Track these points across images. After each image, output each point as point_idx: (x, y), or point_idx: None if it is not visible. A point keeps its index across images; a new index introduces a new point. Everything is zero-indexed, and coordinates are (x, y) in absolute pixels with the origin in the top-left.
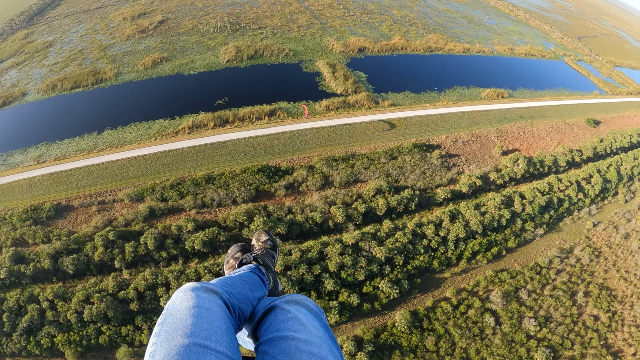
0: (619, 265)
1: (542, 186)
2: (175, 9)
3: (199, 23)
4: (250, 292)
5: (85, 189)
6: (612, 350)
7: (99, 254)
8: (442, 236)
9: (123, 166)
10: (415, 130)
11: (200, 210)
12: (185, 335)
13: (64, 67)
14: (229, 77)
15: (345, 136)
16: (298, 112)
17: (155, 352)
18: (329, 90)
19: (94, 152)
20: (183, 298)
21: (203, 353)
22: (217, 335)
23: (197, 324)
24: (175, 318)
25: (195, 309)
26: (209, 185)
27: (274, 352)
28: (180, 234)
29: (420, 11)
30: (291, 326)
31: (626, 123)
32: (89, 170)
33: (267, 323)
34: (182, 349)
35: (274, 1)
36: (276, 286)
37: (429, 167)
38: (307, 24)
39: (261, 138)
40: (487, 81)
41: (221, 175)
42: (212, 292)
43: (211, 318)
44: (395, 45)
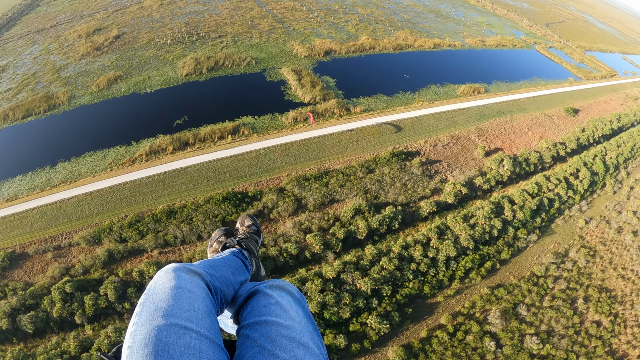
0: (615, 262)
1: (531, 187)
2: (131, 22)
3: (156, 35)
4: (233, 275)
5: (40, 232)
6: (617, 355)
7: (57, 310)
8: (432, 257)
9: (78, 204)
10: (392, 136)
11: (163, 250)
12: (166, 316)
13: (17, 94)
14: (188, 93)
15: (316, 150)
16: (263, 127)
17: (136, 332)
18: (295, 99)
19: (47, 189)
20: (165, 278)
21: (183, 334)
22: (198, 317)
23: (178, 305)
24: (157, 298)
25: (177, 289)
26: (171, 221)
27: (255, 336)
28: (143, 279)
29: (386, 8)
30: (273, 311)
31: (604, 108)
32: (43, 211)
33: (249, 307)
34: (163, 330)
35: (234, 7)
36: (259, 271)
37: (410, 178)
38: (269, 28)
39: (225, 160)
40: (462, 76)
41: (183, 207)
42: (194, 274)
43: (192, 299)
44: (363, 45)
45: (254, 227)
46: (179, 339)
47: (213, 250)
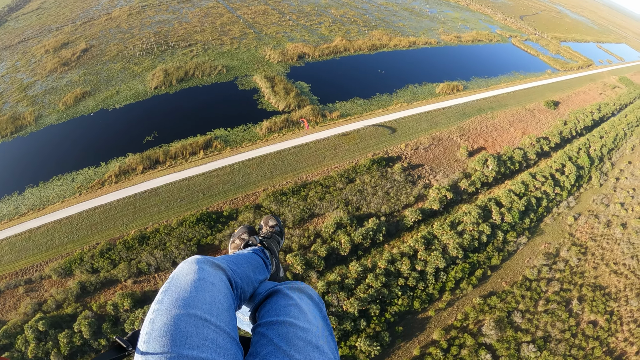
0: (607, 258)
1: (517, 187)
2: (100, 34)
3: (125, 47)
4: (253, 273)
5: (10, 266)
6: (616, 354)
7: (32, 350)
8: (420, 270)
9: (47, 233)
10: (371, 142)
11: (137, 279)
12: (187, 306)
13: None
14: (158, 106)
15: (292, 162)
16: (236, 140)
17: (156, 319)
18: (269, 108)
19: (15, 218)
20: (189, 270)
21: (202, 326)
22: (218, 310)
23: (200, 297)
24: (179, 288)
25: (200, 281)
26: (144, 247)
27: (272, 335)
28: (118, 313)
29: (359, 8)
30: (291, 312)
31: (583, 99)
32: (12, 243)
33: (267, 306)
34: (183, 319)
35: (204, 14)
36: (278, 271)
37: (392, 186)
38: (240, 34)
39: (197, 178)
40: (439, 75)
41: (156, 232)
42: (218, 268)
43: (214, 293)
44: (337, 47)
45: (277, 228)
46: (197, 330)
47: (235, 246)
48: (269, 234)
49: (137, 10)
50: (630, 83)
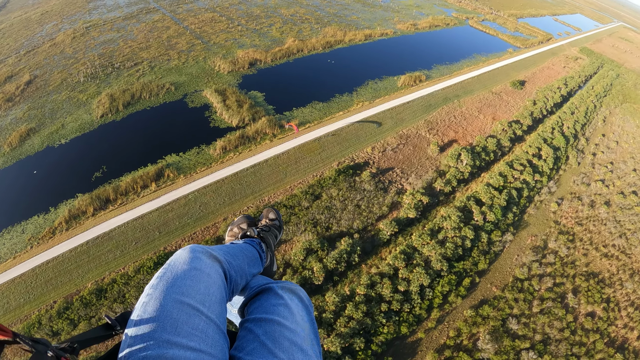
0: (596, 241)
1: (496, 180)
2: (44, 62)
3: (69, 74)
4: (248, 266)
5: None
6: (618, 343)
7: None
8: (403, 291)
9: (2, 296)
10: (334, 149)
11: None
12: (181, 294)
13: None
14: (105, 137)
15: (252, 183)
16: (190, 165)
17: (149, 302)
18: (222, 124)
19: None
20: (186, 258)
21: (194, 315)
22: (211, 302)
23: (195, 287)
24: (175, 275)
25: (196, 271)
26: (102, 302)
27: (259, 332)
28: None
29: (310, 5)
30: (281, 312)
31: (548, 75)
32: None
33: (257, 302)
34: (176, 307)
35: (150, 28)
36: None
37: (363, 197)
38: (188, 47)
39: (151, 215)
40: (400, 66)
41: (113, 282)
42: (215, 259)
43: (209, 284)
44: (290, 49)
45: (277, 222)
46: (189, 319)
47: (232, 234)
48: (268, 227)
49: (81, 32)
50: (591, 53)
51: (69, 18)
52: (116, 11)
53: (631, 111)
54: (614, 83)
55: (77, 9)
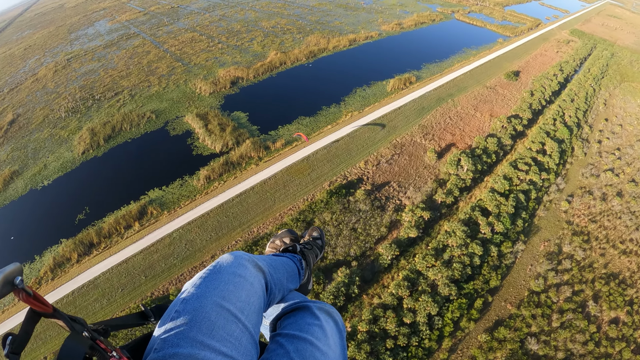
0: (612, 238)
1: (500, 185)
2: (27, 99)
3: (51, 110)
4: (287, 280)
5: None
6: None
7: None
8: (409, 323)
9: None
10: (325, 168)
11: None
12: (222, 298)
13: None
14: (87, 175)
15: (239, 214)
16: (173, 200)
17: (189, 300)
18: (205, 151)
19: None
20: (233, 263)
21: (232, 321)
22: (249, 310)
23: (236, 294)
24: (219, 279)
25: (240, 278)
26: None
27: (290, 348)
28: None
29: (291, 14)
30: (315, 332)
31: (543, 62)
32: None
33: (292, 319)
34: (215, 310)
35: (130, 55)
36: (307, 283)
37: (358, 218)
38: (168, 70)
39: (136, 258)
40: (388, 70)
41: None
42: (259, 270)
43: (251, 293)
44: (272, 63)
45: (319, 242)
46: (226, 324)
47: (274, 246)
48: (310, 244)
49: (63, 65)
50: (582, 34)
51: (51, 51)
52: (97, 40)
53: (630, 90)
54: (610, 63)
55: (59, 40)
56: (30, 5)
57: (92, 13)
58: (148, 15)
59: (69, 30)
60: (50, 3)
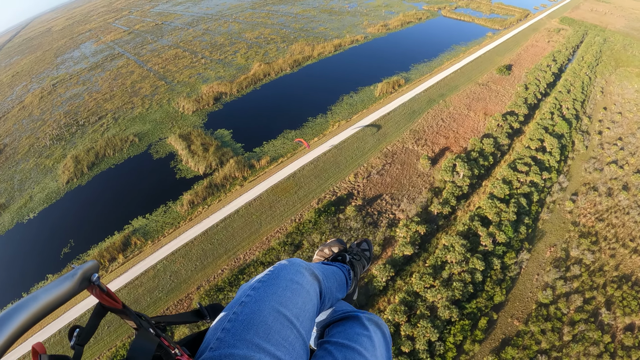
0: (622, 236)
1: (500, 190)
2: (13, 128)
3: (36, 139)
4: (336, 290)
5: None
6: None
7: None
8: (408, 352)
9: None
10: (312, 184)
11: None
12: (279, 303)
13: None
14: (71, 205)
15: (224, 240)
16: (157, 228)
17: (248, 304)
18: (189, 174)
19: None
20: (291, 270)
21: (287, 326)
22: (304, 317)
23: (293, 300)
24: (277, 284)
25: (297, 285)
26: None
27: (338, 356)
28: None
29: (275, 24)
30: (363, 342)
31: (535, 53)
32: None
33: (341, 327)
34: (272, 314)
35: (114, 76)
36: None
37: (350, 238)
38: (151, 90)
39: (121, 293)
40: (375, 73)
41: None
42: (315, 278)
43: (307, 300)
44: (256, 75)
45: (368, 254)
46: (281, 329)
47: (322, 254)
48: (359, 255)
49: (49, 90)
50: (572, 22)
51: (38, 76)
52: (82, 62)
53: (627, 75)
54: (603, 49)
55: (45, 65)
56: (20, 31)
57: (78, 35)
58: (132, 34)
59: (55, 54)
60: (38, 27)
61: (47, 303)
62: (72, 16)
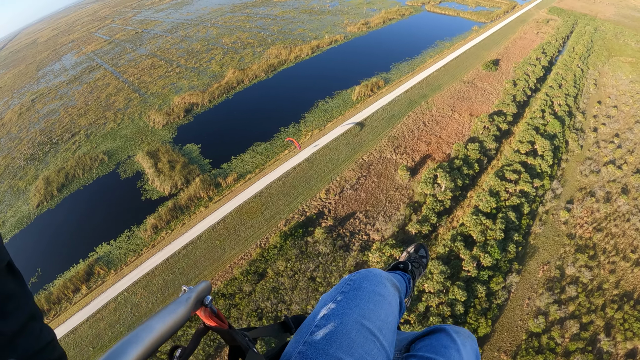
0: (622, 247)
1: (486, 204)
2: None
3: (12, 159)
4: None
5: None
6: None
7: None
8: None
9: None
10: (280, 204)
11: None
12: (362, 316)
13: None
14: (40, 231)
15: (185, 269)
16: (120, 256)
17: (330, 316)
18: (154, 195)
19: None
20: (373, 281)
21: (370, 340)
22: (387, 329)
23: (376, 312)
24: (360, 296)
25: (380, 297)
26: None
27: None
28: None
29: (253, 27)
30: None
31: (523, 46)
32: None
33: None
34: (355, 327)
35: (90, 89)
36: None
37: (318, 264)
38: (125, 103)
39: (83, 328)
40: (354, 76)
41: None
42: (396, 289)
43: (389, 312)
44: (229, 83)
45: (424, 260)
46: (365, 342)
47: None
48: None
49: (27, 106)
50: (561, 11)
51: (19, 91)
52: (62, 75)
53: (620, 66)
54: (594, 38)
55: (27, 79)
56: (7, 44)
57: (61, 47)
58: (113, 44)
59: (37, 68)
60: (25, 39)
61: (162, 332)
62: (58, 26)
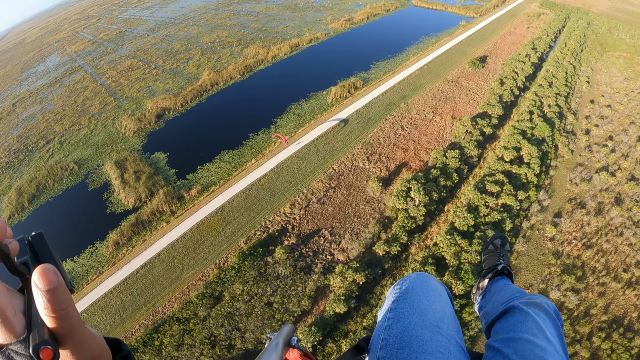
0: (613, 265)
1: (463, 221)
2: None
3: None
4: None
5: None
6: None
7: None
8: None
9: None
10: (243, 219)
11: None
12: (421, 314)
13: None
14: None
15: (143, 289)
16: (83, 274)
17: (392, 325)
18: (119, 208)
19: None
20: (417, 281)
21: (436, 332)
22: (447, 319)
23: (432, 306)
24: (412, 297)
25: (430, 292)
26: None
27: (508, 352)
28: None
29: (234, 25)
30: (529, 328)
31: (512, 41)
32: None
33: (503, 322)
34: (419, 325)
35: (69, 93)
36: None
37: (276, 288)
38: (100, 108)
39: None
40: (331, 76)
41: None
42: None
43: (443, 303)
44: (203, 86)
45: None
46: (432, 336)
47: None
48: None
49: (8, 111)
50: (553, 5)
51: (2, 94)
52: (44, 78)
53: (614, 62)
54: (587, 33)
55: (11, 82)
56: None
57: (47, 47)
58: (96, 44)
59: (22, 69)
60: (13, 38)
61: None
62: (46, 25)
